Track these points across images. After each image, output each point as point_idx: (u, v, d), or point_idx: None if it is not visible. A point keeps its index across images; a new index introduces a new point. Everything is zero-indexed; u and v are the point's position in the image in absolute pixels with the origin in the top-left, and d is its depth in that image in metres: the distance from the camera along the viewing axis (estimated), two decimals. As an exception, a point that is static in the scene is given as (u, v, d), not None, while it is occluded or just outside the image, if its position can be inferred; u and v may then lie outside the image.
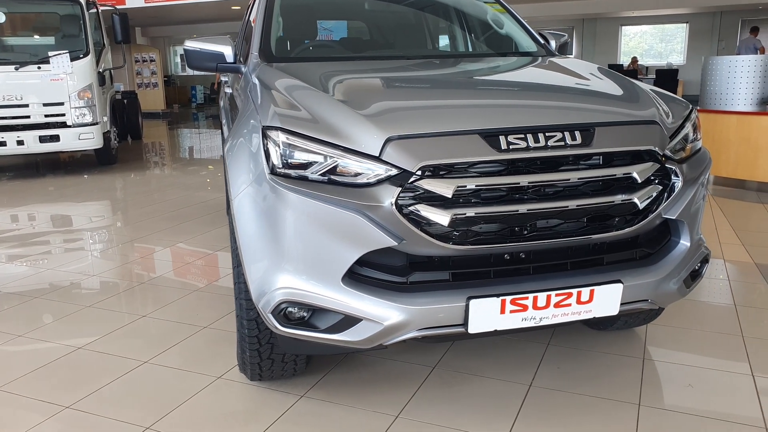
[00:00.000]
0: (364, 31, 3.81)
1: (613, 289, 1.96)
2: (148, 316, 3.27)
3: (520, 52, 3.15)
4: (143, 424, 2.24)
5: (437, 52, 3.48)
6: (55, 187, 7.49)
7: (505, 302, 1.88)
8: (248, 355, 2.31)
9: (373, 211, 1.81)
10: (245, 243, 2.04)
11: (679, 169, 2.03)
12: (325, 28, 3.99)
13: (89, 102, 7.88)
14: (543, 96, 2.30)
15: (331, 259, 1.87)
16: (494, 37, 3.53)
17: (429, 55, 3.27)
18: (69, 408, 2.37)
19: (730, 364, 2.63)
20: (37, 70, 7.66)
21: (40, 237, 5.08)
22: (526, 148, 1.86)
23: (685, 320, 3.07)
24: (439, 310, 1.87)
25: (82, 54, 7.87)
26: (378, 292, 1.89)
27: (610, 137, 1.95)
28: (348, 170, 1.87)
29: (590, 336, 2.90)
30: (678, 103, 2.31)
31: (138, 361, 2.75)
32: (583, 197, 1.91)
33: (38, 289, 3.76)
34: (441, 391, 2.45)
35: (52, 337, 3.03)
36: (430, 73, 2.72)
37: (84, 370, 2.68)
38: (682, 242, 2.17)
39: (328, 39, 3.71)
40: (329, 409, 2.33)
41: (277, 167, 1.93)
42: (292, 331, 1.97)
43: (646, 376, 2.54)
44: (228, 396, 2.44)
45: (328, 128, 1.92)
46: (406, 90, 2.38)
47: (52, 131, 7.72)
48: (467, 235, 1.85)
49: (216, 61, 2.94)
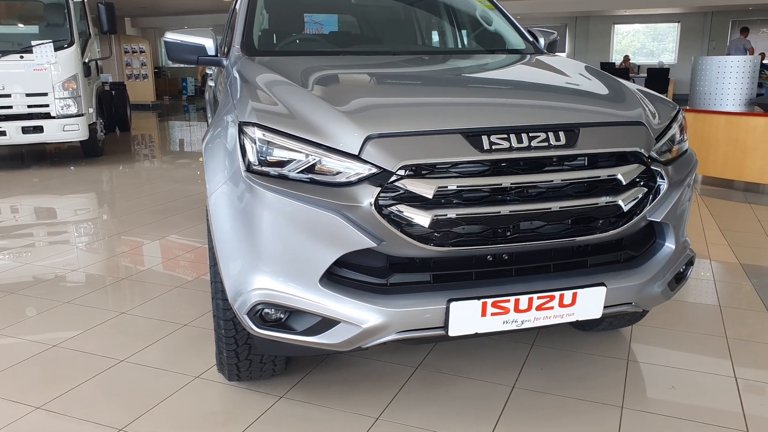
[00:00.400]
0: (353, 25, 3.75)
1: (596, 292, 1.93)
2: (128, 313, 3.21)
3: (508, 49, 3.11)
4: (116, 426, 2.19)
5: (425, 48, 3.43)
6: (40, 178, 7.38)
7: (486, 305, 1.85)
8: (225, 356, 2.26)
9: (352, 212, 1.77)
10: (221, 242, 1.99)
11: (664, 171, 2.00)
12: (315, 21, 3.93)
13: (74, 93, 7.75)
14: (528, 95, 2.26)
15: (308, 260, 1.83)
16: (483, 34, 3.48)
17: (416, 51, 3.22)
18: (39, 409, 2.31)
19: (714, 366, 2.62)
20: (19, 59, 7.52)
21: (21, 230, 4.99)
22: (509, 149, 1.82)
23: (670, 321, 3.06)
24: (419, 313, 1.83)
25: (66, 44, 7.74)
26: (357, 293, 1.85)
27: (595, 138, 1.91)
28: (326, 169, 1.82)
29: (575, 337, 2.88)
30: (665, 103, 2.28)
31: (115, 359, 2.69)
32: (567, 199, 1.87)
33: (17, 283, 3.68)
34: (423, 392, 2.42)
35: (28, 334, 2.96)
36: (414, 69, 2.67)
37: (58, 369, 2.62)
38: (667, 245, 2.14)
39: (314, 33, 3.66)
40: (309, 411, 2.29)
41: (253, 164, 1.88)
42: (268, 333, 1.93)
43: (630, 377, 2.52)
44: (206, 396, 2.39)
45: (306, 125, 1.87)
46: (388, 87, 2.34)
47: (35, 122, 7.59)
48: (448, 236, 1.81)
49: (197, 53, 2.87)
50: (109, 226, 5.09)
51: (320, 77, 2.27)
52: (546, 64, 2.68)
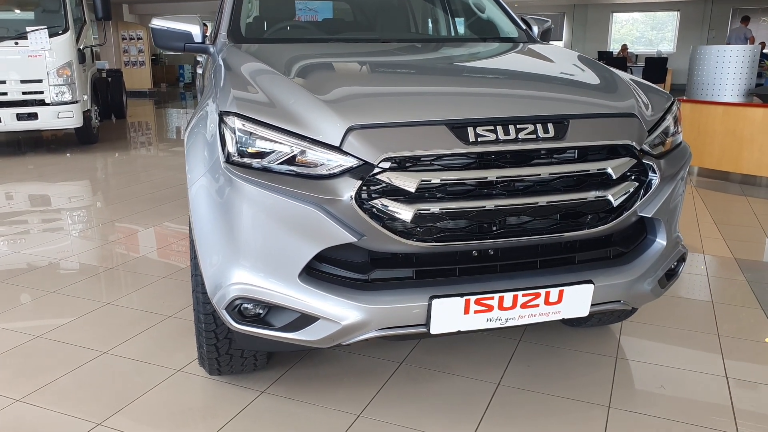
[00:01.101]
0: (347, 12, 3.68)
1: (584, 289, 1.88)
2: (113, 304, 3.16)
3: (500, 37, 3.04)
4: (95, 420, 2.16)
5: (416, 36, 3.35)
6: (35, 165, 7.32)
7: (469, 302, 1.80)
8: (206, 350, 2.22)
9: (332, 205, 1.72)
10: (200, 234, 1.94)
11: (656, 164, 1.94)
12: (310, 8, 3.86)
13: (68, 80, 7.67)
14: (517, 85, 2.20)
15: (287, 254, 1.78)
16: (476, 22, 3.41)
17: (407, 39, 3.14)
18: (19, 401, 2.27)
19: (704, 365, 2.58)
20: (14, 45, 7.44)
21: (12, 217, 4.94)
22: (496, 141, 1.77)
23: (662, 317, 3.02)
24: (400, 310, 1.79)
25: (61, 30, 7.65)
26: (337, 290, 1.80)
27: (585, 130, 1.86)
28: (307, 161, 1.76)
29: (563, 333, 2.84)
30: (659, 94, 2.22)
31: (97, 351, 2.65)
32: (555, 193, 1.82)
33: (6, 271, 3.64)
34: (407, 389, 2.38)
35: (10, 325, 2.92)
36: (402, 58, 2.60)
37: (39, 361, 2.58)
38: (659, 241, 2.09)
39: (305, 20, 3.58)
40: (289, 407, 2.25)
41: (232, 155, 1.83)
42: (246, 328, 1.88)
43: (618, 376, 2.48)
44: (186, 390, 2.35)
45: (287, 115, 1.81)
46: (373, 76, 2.27)
47: (29, 109, 7.53)
48: (431, 231, 1.76)
49: (183, 40, 2.81)
50: (101, 214, 5.04)
51: (304, 66, 2.21)
52: (537, 54, 2.62)
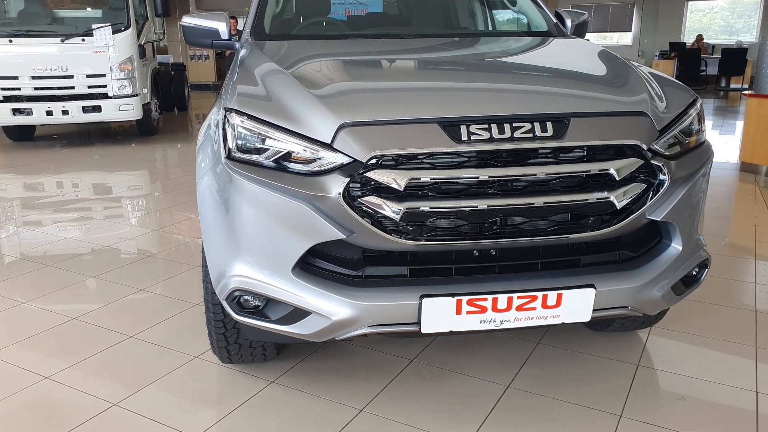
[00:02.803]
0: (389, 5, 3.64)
1: (584, 294, 1.81)
2: (146, 290, 3.31)
3: (525, 31, 2.95)
4: (111, 400, 2.27)
5: (441, 30, 3.27)
6: (101, 155, 7.75)
7: (461, 302, 1.77)
8: (215, 339, 2.29)
9: (322, 202, 1.73)
10: (205, 227, 2.01)
11: (667, 166, 1.84)
12: (360, 2, 3.85)
13: (129, 74, 8.05)
14: (518, 81, 2.13)
15: (281, 249, 1.81)
16: (504, 15, 3.33)
17: (429, 34, 3.08)
18: (47, 378, 2.43)
19: (734, 377, 2.43)
20: (81, 42, 7.87)
21: (67, 205, 5.25)
22: (489, 140, 1.73)
23: (696, 324, 2.86)
24: (391, 308, 1.78)
25: (123, 27, 8.02)
26: (329, 285, 1.81)
27: (587, 129, 1.78)
28: (300, 157, 1.78)
29: (586, 337, 2.74)
30: (679, 91, 2.10)
31: (124, 335, 2.79)
32: (553, 194, 1.75)
33: (55, 255, 3.88)
34: (413, 386, 2.37)
35: (52, 306, 3.11)
36: (410, 54, 2.55)
37: (71, 341, 2.74)
38: (674, 245, 1.98)
39: (350, 13, 3.56)
40: (295, 398, 2.29)
41: (233, 152, 1.87)
42: (245, 319, 1.93)
43: (636, 384, 2.38)
44: (199, 377, 2.44)
45: (284, 112, 1.84)
46: (372, 73, 2.26)
47: (94, 102, 7.95)
48: (422, 230, 1.74)
49: (211, 37, 2.89)
50: (151, 203, 5.28)
51: (308, 63, 2.23)
52: (555, 49, 2.53)
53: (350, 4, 3.77)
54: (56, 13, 8.69)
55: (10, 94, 7.77)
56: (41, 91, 7.80)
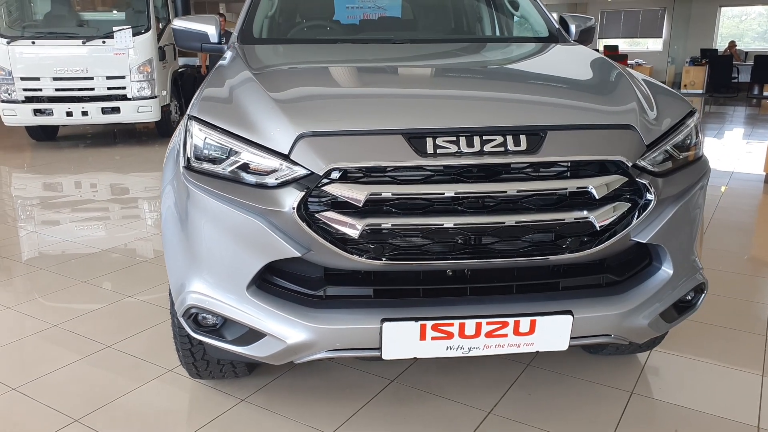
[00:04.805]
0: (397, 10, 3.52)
1: (560, 321, 1.67)
2: (134, 297, 3.26)
3: (525, 37, 2.81)
4: (73, 416, 2.20)
5: (436, 36, 3.12)
6: (122, 156, 7.82)
7: (425, 327, 1.65)
8: (181, 354, 2.21)
9: (275, 217, 1.63)
10: (164, 238, 1.93)
11: (653, 184, 1.68)
12: (379, 6, 3.74)
13: (148, 76, 8.10)
14: (495, 91, 1.99)
15: (236, 266, 1.71)
16: (509, 21, 3.19)
17: (423, 39, 2.95)
18: (14, 390, 2.37)
19: (735, 409, 2.24)
20: (102, 44, 7.95)
21: (77, 206, 5.26)
22: (457, 153, 1.60)
23: (701, 349, 2.67)
24: (350, 332, 1.67)
25: (143, 29, 8.09)
26: (286, 306, 1.71)
27: (565, 143, 1.64)
28: (257, 169, 1.68)
29: (580, 358, 2.58)
30: (676, 102, 1.94)
31: (102, 344, 2.73)
32: (525, 213, 1.62)
33: (52, 256, 3.88)
34: (389, 409, 2.25)
35: (37, 312, 3.08)
36: (392, 62, 2.40)
37: (47, 351, 2.69)
38: (664, 269, 1.83)
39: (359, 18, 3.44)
40: (264, 418, 2.19)
41: (191, 161, 1.79)
42: (202, 338, 1.84)
43: (627, 414, 2.22)
44: (168, 392, 2.36)
45: (244, 120, 1.74)
46: (342, 80, 2.15)
47: (113, 103, 8.03)
48: (384, 249, 1.63)
49: (200, 41, 2.82)
50: (158, 206, 5.25)
51: (280, 69, 2.13)
52: (549, 56, 2.38)
53: (365, 8, 3.65)
54: (79, 15, 8.81)
55: (32, 95, 7.90)
56: (62, 92, 7.91)
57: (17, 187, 6.34)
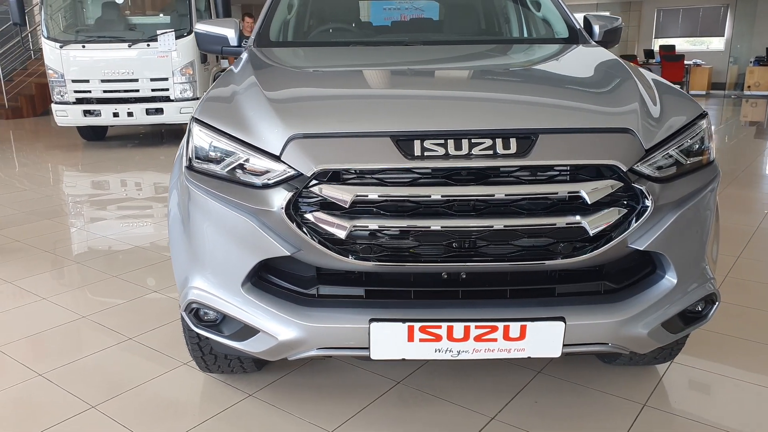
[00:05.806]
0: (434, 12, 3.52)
1: (552, 327, 1.64)
2: (160, 292, 3.38)
3: (542, 39, 2.76)
4: (91, 402, 2.31)
5: (453, 38, 3.09)
6: (166, 156, 8.09)
7: (413, 329, 1.65)
8: (190, 348, 2.28)
9: (266, 216, 1.67)
10: (170, 236, 1.99)
11: (651, 190, 1.63)
12: (414, 8, 3.76)
13: (190, 78, 8.36)
14: (488, 93, 1.97)
15: (231, 263, 1.76)
16: (532, 22, 3.14)
17: (439, 41, 2.92)
18: (40, 376, 2.50)
19: (753, 428, 2.14)
20: (146, 47, 8.25)
21: (115, 203, 5.48)
22: (445, 156, 1.60)
23: (725, 362, 2.56)
24: (339, 331, 1.69)
25: (186, 32, 8.35)
26: (278, 303, 1.74)
27: (557, 147, 1.61)
28: (252, 169, 1.73)
29: (596, 368, 2.52)
30: (685, 105, 1.87)
31: (125, 336, 2.85)
32: (515, 217, 1.60)
33: (88, 252, 4.06)
34: (391, 411, 2.25)
35: (69, 303, 3.23)
36: (394, 65, 2.39)
37: (74, 340, 2.82)
38: (668, 278, 1.77)
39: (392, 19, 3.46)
40: (268, 413, 2.24)
41: (192, 161, 1.85)
42: (203, 332, 1.90)
43: (636, 427, 2.15)
44: (180, 384, 2.44)
45: (241, 122, 1.79)
46: (338, 82, 2.17)
47: (157, 105, 8.32)
48: (372, 249, 1.64)
49: (221, 44, 2.91)
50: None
51: (278, 70, 2.17)
52: (561, 58, 2.34)
53: (401, 9, 3.65)
54: (127, 19, 9.16)
55: (82, 96, 8.28)
56: (109, 94, 8.25)
57: (68, 185, 6.66)
